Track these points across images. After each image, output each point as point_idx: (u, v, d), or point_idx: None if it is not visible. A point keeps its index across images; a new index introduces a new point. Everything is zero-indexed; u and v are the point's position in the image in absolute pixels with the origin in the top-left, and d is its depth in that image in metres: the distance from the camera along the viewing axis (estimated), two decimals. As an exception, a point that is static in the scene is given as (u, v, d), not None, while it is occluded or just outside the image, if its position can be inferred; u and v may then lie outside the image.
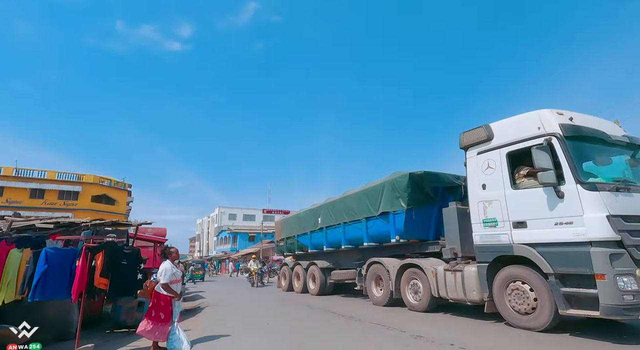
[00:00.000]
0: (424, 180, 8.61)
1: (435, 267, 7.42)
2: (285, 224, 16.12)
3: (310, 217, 13.52)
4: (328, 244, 12.27)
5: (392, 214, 9.03)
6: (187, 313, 10.04)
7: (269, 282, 22.15)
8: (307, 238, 13.67)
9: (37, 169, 33.16)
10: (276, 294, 14.40)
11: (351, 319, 7.64)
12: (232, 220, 64.98)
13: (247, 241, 54.54)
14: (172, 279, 5.39)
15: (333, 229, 11.89)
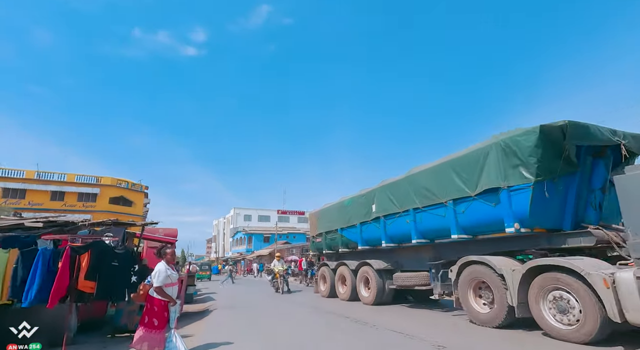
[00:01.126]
0: (567, 136, 5.63)
1: (606, 271, 4.67)
2: (324, 216, 13.37)
3: (359, 205, 10.94)
4: (388, 239, 9.57)
5: (505, 191, 6.18)
6: (194, 316, 9.73)
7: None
8: (355, 232, 11.07)
9: (57, 172, 33.89)
10: (313, 301, 11.99)
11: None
12: (247, 221, 65.12)
13: (262, 242, 54.49)
14: (166, 281, 4.98)
15: (395, 219, 9.18)
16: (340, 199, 12.55)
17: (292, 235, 55.28)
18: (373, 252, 10.77)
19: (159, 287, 4.87)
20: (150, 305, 4.92)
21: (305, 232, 59.28)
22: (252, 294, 16.67)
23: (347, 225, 11.52)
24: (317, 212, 14.25)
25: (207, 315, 9.84)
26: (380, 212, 9.79)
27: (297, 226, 64.54)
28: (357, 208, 11.05)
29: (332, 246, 12.80)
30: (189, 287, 13.79)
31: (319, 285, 13.53)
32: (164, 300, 4.96)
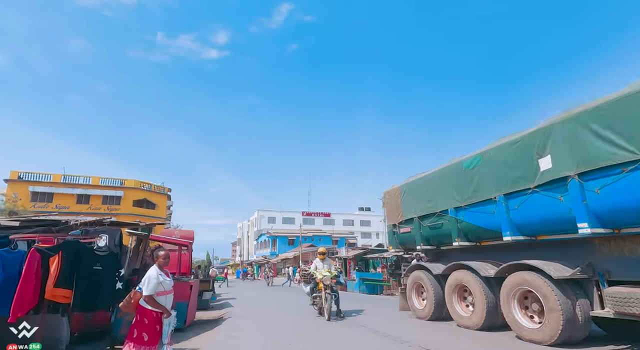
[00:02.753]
0: None
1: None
2: (415, 192, 8.92)
3: (501, 163, 6.35)
4: (593, 218, 4.85)
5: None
6: (206, 325, 8.48)
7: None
8: (491, 211, 6.55)
9: (82, 175, 34.08)
10: (401, 329, 7.45)
11: None
12: (272, 223, 64.27)
13: (287, 245, 53.40)
14: (157, 289, 4.19)
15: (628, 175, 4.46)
16: (449, 163, 8.07)
17: (317, 238, 53.91)
18: (524, 248, 6.42)
19: (149, 296, 4.14)
20: (140, 317, 4.19)
21: (331, 235, 58.18)
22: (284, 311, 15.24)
23: (469, 201, 7.10)
24: (399, 187, 9.55)
25: (220, 324, 8.50)
26: (564, 168, 5.14)
27: (322, 228, 63.11)
28: (496, 168, 6.47)
29: (433, 238, 8.41)
30: (205, 293, 12.55)
31: (409, 299, 9.00)
32: (156, 312, 4.21)
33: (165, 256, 4.52)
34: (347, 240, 56.57)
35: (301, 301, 13.49)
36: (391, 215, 10.00)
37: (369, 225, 70.08)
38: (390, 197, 10.00)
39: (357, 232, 66.84)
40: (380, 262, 21.27)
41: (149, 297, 4.14)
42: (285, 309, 12.10)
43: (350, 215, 72.43)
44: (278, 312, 11.14)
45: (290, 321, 9.15)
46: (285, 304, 13.96)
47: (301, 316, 9.63)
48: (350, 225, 70.00)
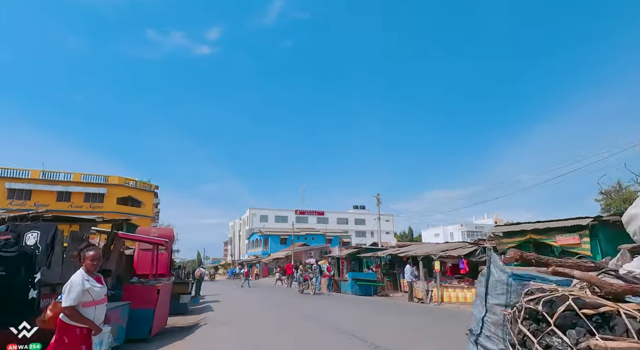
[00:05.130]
0: None
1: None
2: None
3: None
4: None
5: None
6: (177, 333, 7.39)
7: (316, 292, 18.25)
8: None
9: (62, 171, 32.54)
10: None
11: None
12: (264, 222, 63.03)
13: (279, 244, 52.27)
14: (83, 299, 3.25)
15: None
16: None
17: (310, 237, 52.88)
18: None
19: (70, 307, 3.17)
20: (60, 335, 3.20)
21: (325, 233, 57.20)
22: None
23: None
24: None
25: (192, 333, 7.39)
26: None
27: (316, 227, 62.06)
28: None
29: None
30: (183, 296, 11.42)
31: None
32: (81, 327, 3.23)
33: (95, 257, 3.46)
34: (341, 239, 55.62)
35: (298, 304, 12.49)
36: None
37: (364, 223, 69.14)
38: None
39: (352, 231, 65.92)
40: (374, 262, 20.27)
41: (70, 309, 3.17)
42: (274, 314, 11.01)
43: (344, 213, 71.47)
44: (265, 318, 10.05)
45: (276, 329, 8.06)
46: (276, 307, 12.88)
47: (290, 322, 8.59)
48: (345, 223, 69.04)
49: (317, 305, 12.57)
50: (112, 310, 5.96)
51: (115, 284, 8.46)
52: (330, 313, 10.72)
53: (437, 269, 13.95)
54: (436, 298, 13.78)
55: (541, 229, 10.93)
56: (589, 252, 9.89)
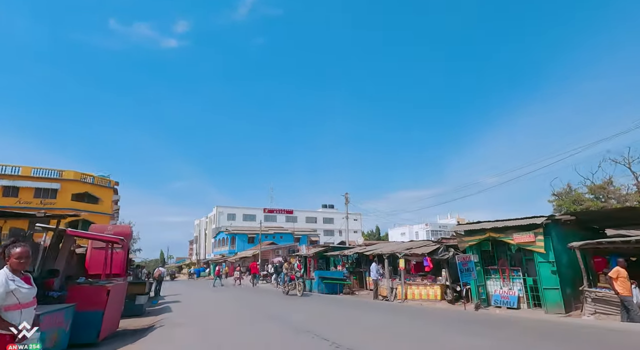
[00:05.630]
0: None
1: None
2: None
3: None
4: None
5: None
6: (129, 336, 6.93)
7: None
8: None
9: (9, 165, 30.06)
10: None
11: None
12: (231, 220, 61.84)
13: (247, 243, 51.40)
14: (6, 302, 2.93)
15: None
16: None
17: (278, 236, 52.46)
18: None
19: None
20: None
21: (293, 232, 56.92)
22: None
23: None
24: None
25: (146, 335, 6.96)
26: None
27: (284, 226, 61.65)
28: None
29: None
30: (139, 297, 10.84)
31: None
32: (4, 334, 2.89)
33: (23, 255, 3.07)
34: (310, 237, 55.58)
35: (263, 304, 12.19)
36: None
37: (332, 222, 69.55)
38: None
39: (320, 230, 66.12)
40: (341, 260, 20.33)
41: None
42: (236, 314, 10.67)
43: (313, 212, 71.51)
44: (226, 318, 9.70)
45: (236, 329, 7.77)
46: (239, 307, 12.52)
47: (252, 322, 8.32)
48: (313, 222, 69.14)
49: (281, 305, 12.37)
50: (54, 313, 5.48)
51: (63, 284, 7.86)
52: (295, 312, 10.56)
53: (402, 266, 14.17)
54: (400, 295, 13.99)
55: (499, 227, 11.33)
56: (542, 250, 10.37)
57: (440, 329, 7.68)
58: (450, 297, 12.69)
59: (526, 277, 11.14)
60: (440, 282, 13.38)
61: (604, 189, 23.31)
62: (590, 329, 7.47)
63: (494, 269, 11.94)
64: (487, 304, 11.61)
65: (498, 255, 12.06)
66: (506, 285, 11.55)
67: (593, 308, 9.17)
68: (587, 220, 11.58)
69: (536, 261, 10.56)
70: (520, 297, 11.14)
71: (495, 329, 7.60)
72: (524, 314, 10.13)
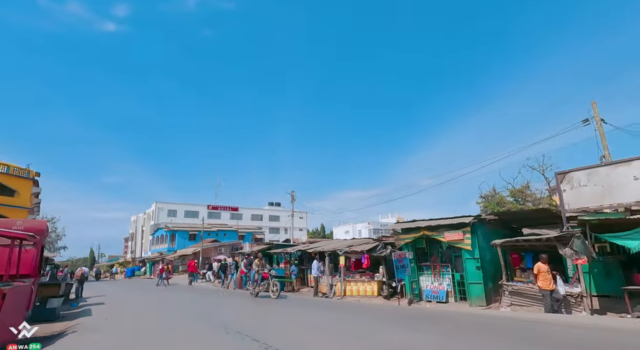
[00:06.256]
0: None
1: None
2: None
3: None
4: None
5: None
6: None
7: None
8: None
9: None
10: None
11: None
12: (172, 216, 58.66)
13: (187, 240, 49.08)
14: None
15: None
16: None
17: (222, 233, 50.85)
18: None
19: None
20: None
21: (237, 229, 55.52)
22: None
23: None
24: None
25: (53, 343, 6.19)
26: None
27: (228, 223, 59.91)
28: None
29: None
30: (51, 300, 9.73)
31: None
32: None
33: None
34: (254, 235, 54.60)
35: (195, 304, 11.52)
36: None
37: (278, 220, 69.06)
38: None
39: (266, 227, 65.32)
40: (284, 258, 20.14)
41: None
42: (162, 316, 9.99)
43: (259, 210, 70.40)
44: (150, 321, 9.03)
45: (160, 333, 7.23)
46: (167, 309, 11.76)
47: (179, 324, 7.79)
48: (259, 220, 68.12)
49: (215, 304, 11.89)
50: None
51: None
52: (228, 312, 10.19)
53: (342, 263, 14.37)
54: (339, 292, 14.18)
55: (433, 226, 11.93)
56: (469, 247, 11.10)
57: (373, 324, 7.84)
58: (386, 293, 13.13)
59: (454, 272, 11.87)
60: (377, 278, 13.77)
61: (522, 192, 25.96)
62: (508, 320, 8.11)
63: (426, 266, 12.55)
64: (419, 299, 12.17)
65: (431, 252, 12.72)
66: (437, 280, 12.21)
67: (509, 300, 10.00)
68: (508, 220, 12.63)
69: (463, 258, 11.28)
70: (448, 291, 11.84)
71: (426, 323, 7.95)
72: (451, 308, 10.77)
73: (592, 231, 9.05)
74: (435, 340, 6.05)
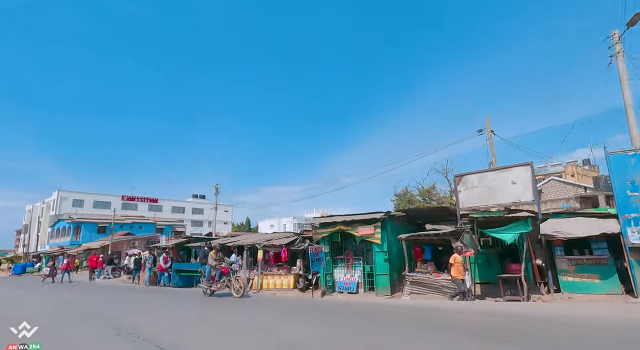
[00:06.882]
0: None
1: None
2: None
3: None
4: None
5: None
6: None
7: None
8: None
9: None
10: None
11: None
12: (78, 207, 52.53)
13: (96, 233, 44.43)
14: None
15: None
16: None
17: (137, 226, 47.02)
18: None
19: None
20: None
21: (156, 222, 51.81)
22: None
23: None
24: None
25: None
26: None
27: (146, 215, 55.61)
28: None
29: None
30: None
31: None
32: None
33: None
34: (175, 228, 51.58)
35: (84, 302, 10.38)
36: None
37: (202, 213, 66.12)
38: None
39: (188, 220, 62.13)
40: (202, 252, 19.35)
41: None
42: (45, 316, 8.88)
43: (181, 202, 66.59)
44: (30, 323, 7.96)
45: (37, 337, 6.40)
46: (54, 307, 10.50)
47: (64, 325, 6.97)
48: (181, 212, 64.47)
49: (110, 300, 11.00)
50: None
51: None
52: (125, 310, 9.50)
53: (260, 257, 14.33)
54: (256, 286, 14.12)
55: (348, 221, 12.50)
56: (379, 241, 11.88)
57: (280, 317, 7.96)
58: (302, 285, 13.43)
59: (365, 265, 12.61)
60: (294, 271, 14.00)
61: (429, 192, 29.04)
62: (405, 308, 8.88)
63: (340, 259, 13.13)
64: (332, 291, 12.69)
65: (345, 246, 13.32)
66: (349, 272, 12.85)
67: (410, 289, 10.97)
68: (414, 216, 13.81)
69: (373, 251, 12.04)
70: (359, 282, 12.55)
71: (330, 314, 8.31)
72: (360, 298, 11.44)
73: (479, 227, 10.34)
74: (331, 330, 6.36)
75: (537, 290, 9.94)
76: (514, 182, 10.49)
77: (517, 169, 10.60)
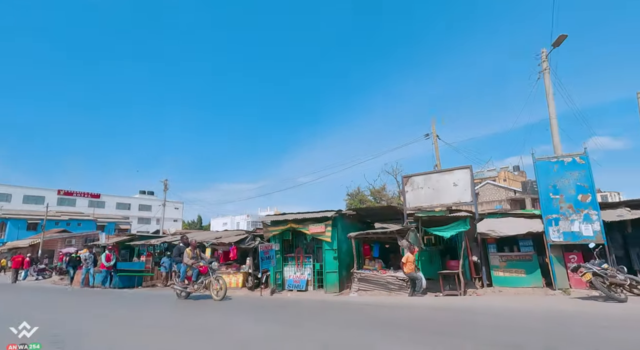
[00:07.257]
0: None
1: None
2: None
3: None
4: None
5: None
6: None
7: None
8: None
9: None
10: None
11: None
12: (5, 201, 47.48)
13: (25, 230, 40.44)
14: None
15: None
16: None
17: (75, 222, 43.46)
18: None
19: None
20: None
21: (96, 219, 48.18)
22: None
23: None
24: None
25: None
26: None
27: (86, 211, 51.58)
28: None
29: None
30: None
31: None
32: None
33: None
34: (119, 225, 48.42)
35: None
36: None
37: (150, 210, 62.79)
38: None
39: (135, 217, 58.64)
40: (146, 250, 18.41)
41: None
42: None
43: (127, 198, 62.66)
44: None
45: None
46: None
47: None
48: (127, 209, 60.70)
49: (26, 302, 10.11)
50: None
51: None
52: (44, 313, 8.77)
53: (208, 255, 13.91)
54: (203, 285, 13.68)
55: (299, 219, 12.55)
56: (329, 239, 12.05)
57: (224, 318, 7.80)
58: (251, 284, 13.25)
59: (315, 263, 12.74)
60: (243, 270, 13.78)
61: (380, 192, 30.18)
62: (351, 304, 9.09)
63: (291, 257, 13.14)
64: (282, 289, 12.67)
65: (296, 244, 13.36)
66: (299, 270, 12.90)
67: (358, 286, 11.26)
68: (364, 215, 14.20)
69: (324, 249, 12.19)
70: (308, 280, 12.64)
71: (275, 312, 8.30)
72: (309, 296, 11.53)
73: (423, 226, 10.88)
74: (273, 327, 6.36)
75: (473, 285, 10.70)
76: (456, 184, 11.17)
77: (458, 172, 11.30)
